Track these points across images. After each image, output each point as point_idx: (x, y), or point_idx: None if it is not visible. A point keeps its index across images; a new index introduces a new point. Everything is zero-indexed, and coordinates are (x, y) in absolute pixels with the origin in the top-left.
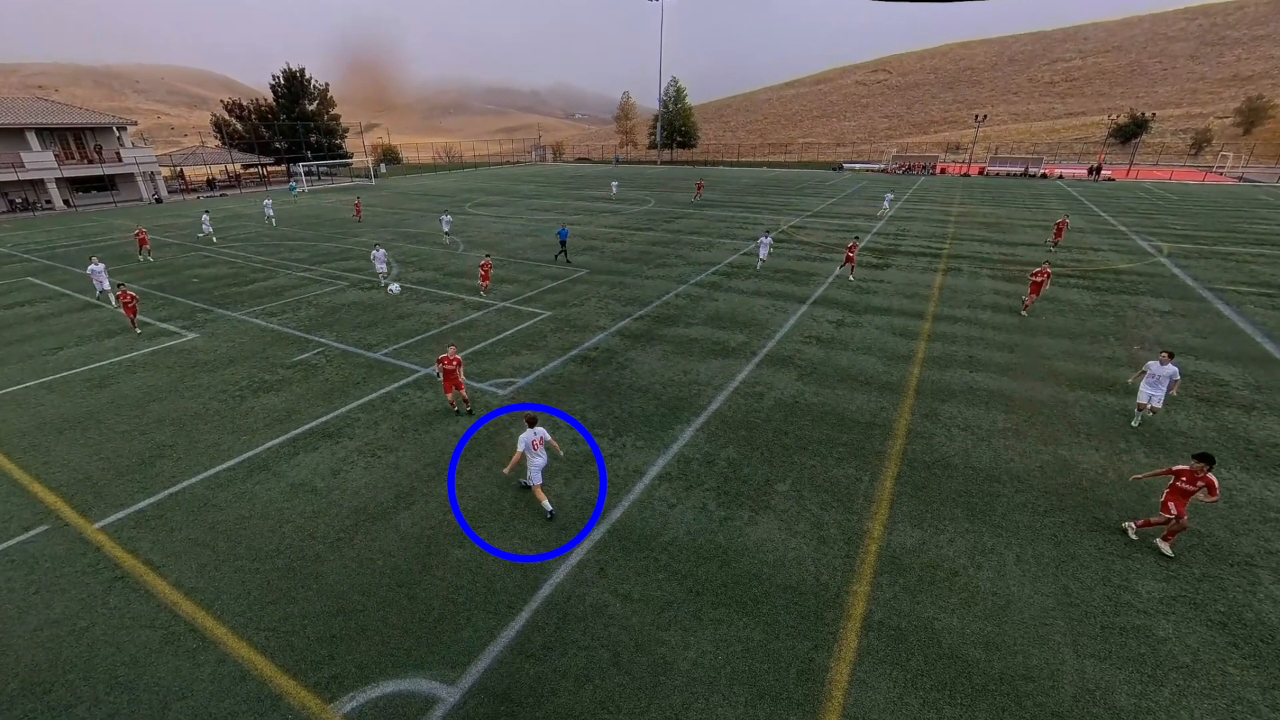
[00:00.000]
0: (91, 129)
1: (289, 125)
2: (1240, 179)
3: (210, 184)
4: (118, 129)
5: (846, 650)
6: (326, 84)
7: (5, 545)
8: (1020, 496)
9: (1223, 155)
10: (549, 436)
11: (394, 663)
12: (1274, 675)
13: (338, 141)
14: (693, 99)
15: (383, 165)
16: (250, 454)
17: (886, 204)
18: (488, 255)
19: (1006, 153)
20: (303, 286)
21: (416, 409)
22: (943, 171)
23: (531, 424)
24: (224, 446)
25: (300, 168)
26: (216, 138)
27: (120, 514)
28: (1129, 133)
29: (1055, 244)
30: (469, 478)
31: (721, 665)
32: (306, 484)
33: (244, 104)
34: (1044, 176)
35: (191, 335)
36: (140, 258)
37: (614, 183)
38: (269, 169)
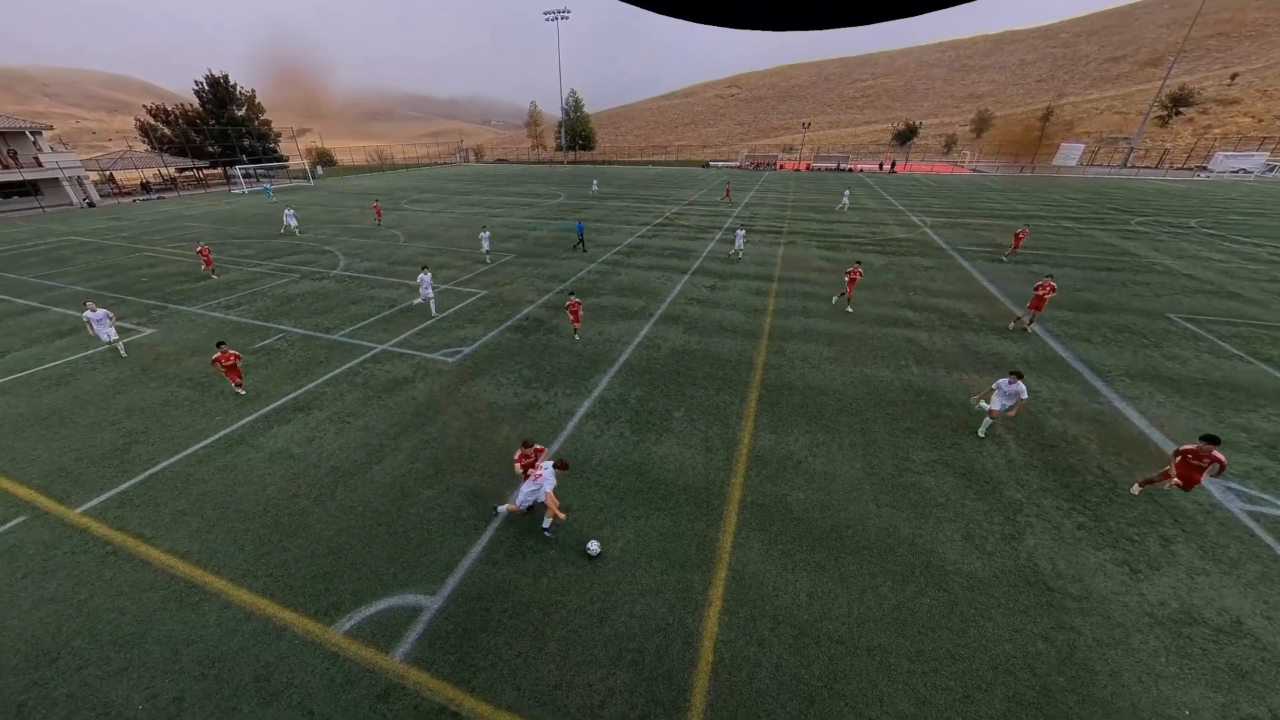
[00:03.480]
0: (1, 133)
1: (219, 130)
2: (974, 170)
3: (145, 187)
4: (31, 133)
5: (729, 525)
6: (253, 90)
7: None
8: (839, 404)
9: (963, 153)
10: (550, 483)
11: (383, 585)
12: (992, 503)
13: (271, 145)
14: (590, 108)
15: (319, 167)
16: (226, 431)
17: (845, 199)
18: (572, 295)
19: (825, 152)
20: (258, 280)
21: (377, 380)
22: (781, 167)
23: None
24: (198, 428)
25: (238, 170)
26: (145, 142)
27: (101, 497)
28: (905, 136)
29: (1013, 253)
30: (430, 432)
31: (642, 548)
32: (284, 451)
33: (169, 109)
34: (850, 170)
35: (149, 331)
36: (210, 275)
37: (594, 181)
38: (205, 172)
